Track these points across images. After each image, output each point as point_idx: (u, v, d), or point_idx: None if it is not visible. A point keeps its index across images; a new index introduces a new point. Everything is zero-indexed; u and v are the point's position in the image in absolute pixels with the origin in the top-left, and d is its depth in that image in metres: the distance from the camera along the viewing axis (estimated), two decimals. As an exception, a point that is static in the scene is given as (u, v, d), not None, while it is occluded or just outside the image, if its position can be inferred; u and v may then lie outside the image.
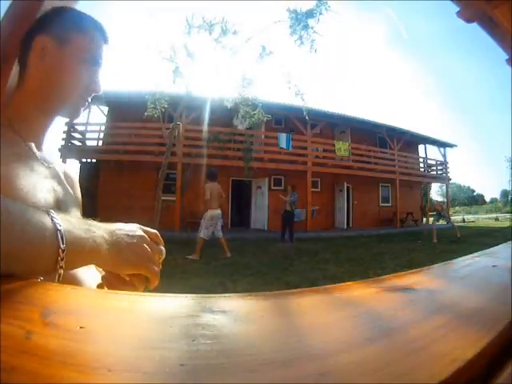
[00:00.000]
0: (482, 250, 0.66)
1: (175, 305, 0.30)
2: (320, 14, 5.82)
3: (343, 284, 0.38)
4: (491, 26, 1.19)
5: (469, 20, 1.19)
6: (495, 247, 0.70)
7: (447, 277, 0.47)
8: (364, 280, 0.40)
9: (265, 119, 6.49)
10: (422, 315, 0.29)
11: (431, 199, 24.05)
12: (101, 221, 0.44)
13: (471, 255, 0.58)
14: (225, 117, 10.16)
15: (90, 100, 0.62)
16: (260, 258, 6.25)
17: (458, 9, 1.17)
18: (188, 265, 5.22)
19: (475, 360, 0.21)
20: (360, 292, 0.37)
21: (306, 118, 7.56)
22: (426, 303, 0.33)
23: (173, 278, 3.91)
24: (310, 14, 5.88)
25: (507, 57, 1.34)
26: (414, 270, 0.46)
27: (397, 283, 0.40)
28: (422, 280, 0.43)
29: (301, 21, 5.92)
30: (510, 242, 0.63)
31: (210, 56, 6.18)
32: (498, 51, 1.33)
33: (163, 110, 6.19)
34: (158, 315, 0.27)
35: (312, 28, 5.87)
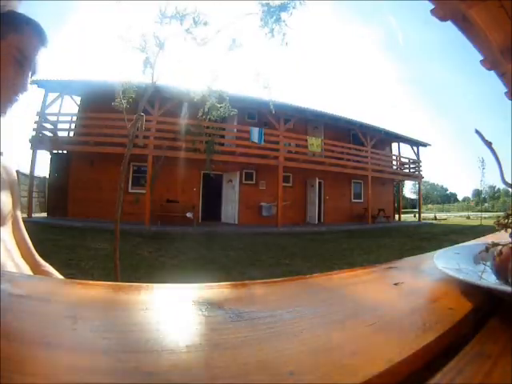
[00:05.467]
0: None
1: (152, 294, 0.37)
2: (293, 7, 6.34)
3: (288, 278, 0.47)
4: (466, 25, 1.22)
5: (443, 18, 1.22)
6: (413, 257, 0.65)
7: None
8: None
9: (231, 113, 6.86)
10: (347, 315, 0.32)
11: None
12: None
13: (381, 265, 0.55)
14: (195, 109, 10.68)
15: (17, 100, 0.67)
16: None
17: (432, 6, 1.20)
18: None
19: (411, 359, 0.24)
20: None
21: (273, 111, 8.08)
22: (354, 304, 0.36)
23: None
24: (283, 7, 6.37)
25: (482, 58, 1.42)
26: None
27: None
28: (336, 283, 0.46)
29: (273, 14, 6.37)
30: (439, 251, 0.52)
31: (180, 47, 6.41)
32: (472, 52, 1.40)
33: (130, 100, 6.31)
34: (134, 303, 0.33)
35: (284, 21, 6.35)
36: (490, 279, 0.40)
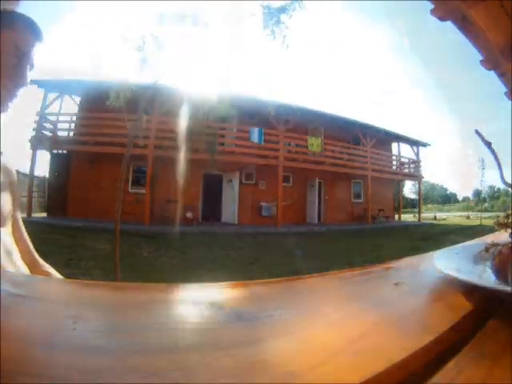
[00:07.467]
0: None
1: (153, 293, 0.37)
2: (293, 10, 6.40)
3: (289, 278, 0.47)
4: (465, 25, 1.22)
5: (443, 18, 1.21)
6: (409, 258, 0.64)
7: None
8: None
9: (230, 114, 6.85)
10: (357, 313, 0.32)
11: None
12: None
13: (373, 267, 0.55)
14: (195, 109, 10.71)
15: (16, 95, 0.69)
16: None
17: (432, 6, 1.20)
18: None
19: (411, 359, 0.24)
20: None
21: (271, 113, 8.10)
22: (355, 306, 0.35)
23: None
24: (282, 9, 6.42)
25: (482, 58, 1.41)
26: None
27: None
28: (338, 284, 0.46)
29: (273, 15, 6.42)
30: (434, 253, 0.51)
31: (180, 47, 6.43)
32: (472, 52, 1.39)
33: (126, 100, 6.29)
34: (135, 303, 0.33)
35: (284, 23, 6.41)
36: (490, 279, 0.40)
